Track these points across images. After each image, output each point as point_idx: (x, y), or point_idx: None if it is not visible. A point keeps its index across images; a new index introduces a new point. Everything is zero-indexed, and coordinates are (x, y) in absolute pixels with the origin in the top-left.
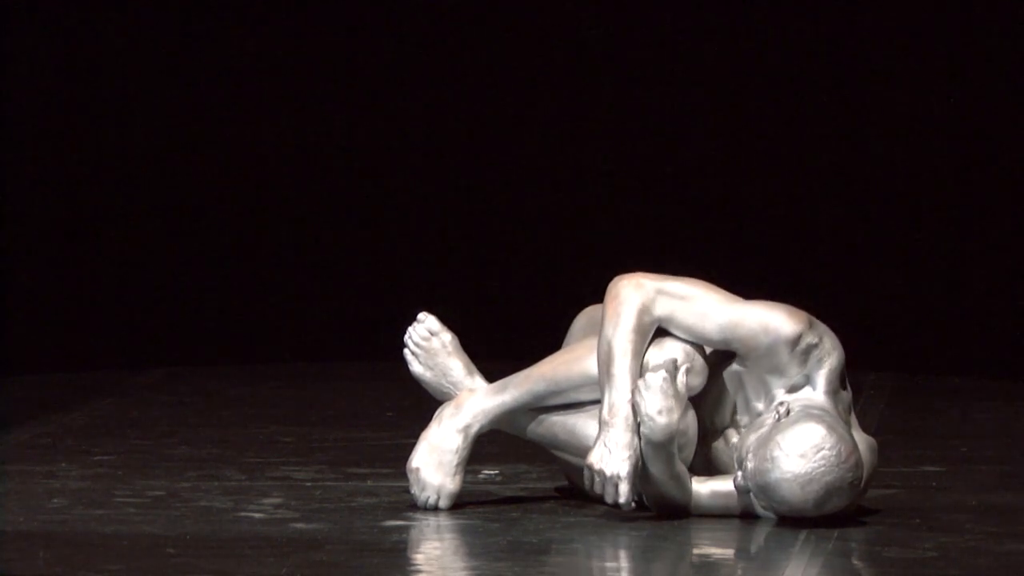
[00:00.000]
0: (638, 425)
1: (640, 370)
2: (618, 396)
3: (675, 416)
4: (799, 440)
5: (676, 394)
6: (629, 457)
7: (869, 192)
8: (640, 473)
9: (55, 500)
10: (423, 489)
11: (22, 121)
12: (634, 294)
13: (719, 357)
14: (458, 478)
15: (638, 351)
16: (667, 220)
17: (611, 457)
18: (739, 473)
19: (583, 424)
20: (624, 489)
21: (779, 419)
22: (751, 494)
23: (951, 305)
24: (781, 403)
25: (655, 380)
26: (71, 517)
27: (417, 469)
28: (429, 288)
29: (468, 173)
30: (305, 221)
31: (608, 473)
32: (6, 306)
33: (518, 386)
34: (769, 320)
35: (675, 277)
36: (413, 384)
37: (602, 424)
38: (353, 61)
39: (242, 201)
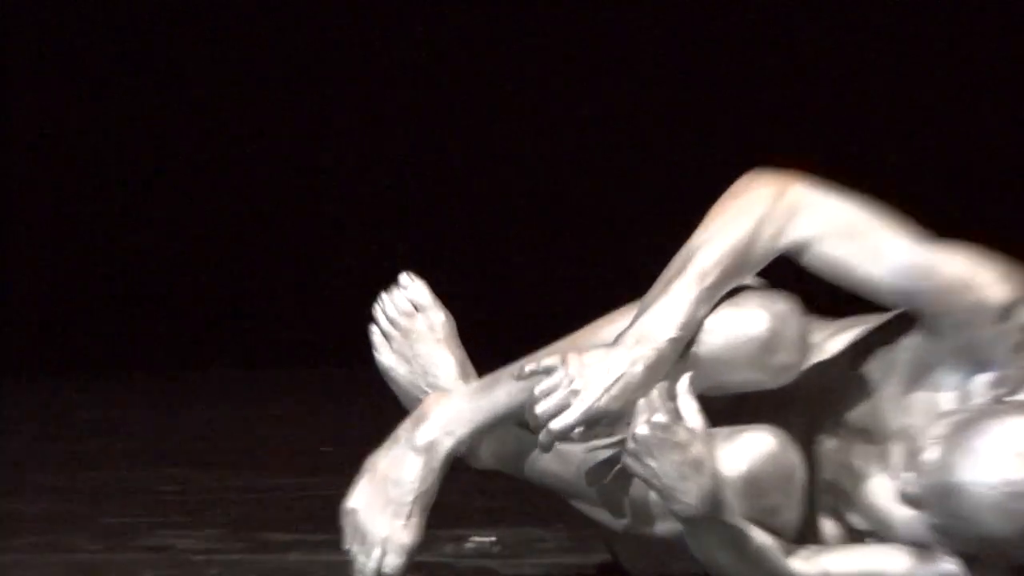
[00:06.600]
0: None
1: (708, 311)
2: (656, 322)
3: (705, 475)
4: (1021, 433)
5: (688, 440)
6: (610, 389)
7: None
8: (693, 547)
9: None
10: (363, 542)
11: (22, 121)
12: (768, 197)
13: (877, 332)
14: (414, 523)
15: (724, 280)
16: (674, 220)
17: (591, 372)
18: (908, 474)
19: None
20: (573, 414)
21: (995, 403)
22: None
23: None
24: (1003, 384)
25: (648, 440)
26: None
27: (354, 512)
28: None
29: (472, 173)
30: (307, 222)
31: (574, 386)
32: (6, 306)
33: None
34: (976, 275)
35: (840, 192)
36: (381, 395)
37: (616, 341)
38: (353, 56)
39: (239, 201)
